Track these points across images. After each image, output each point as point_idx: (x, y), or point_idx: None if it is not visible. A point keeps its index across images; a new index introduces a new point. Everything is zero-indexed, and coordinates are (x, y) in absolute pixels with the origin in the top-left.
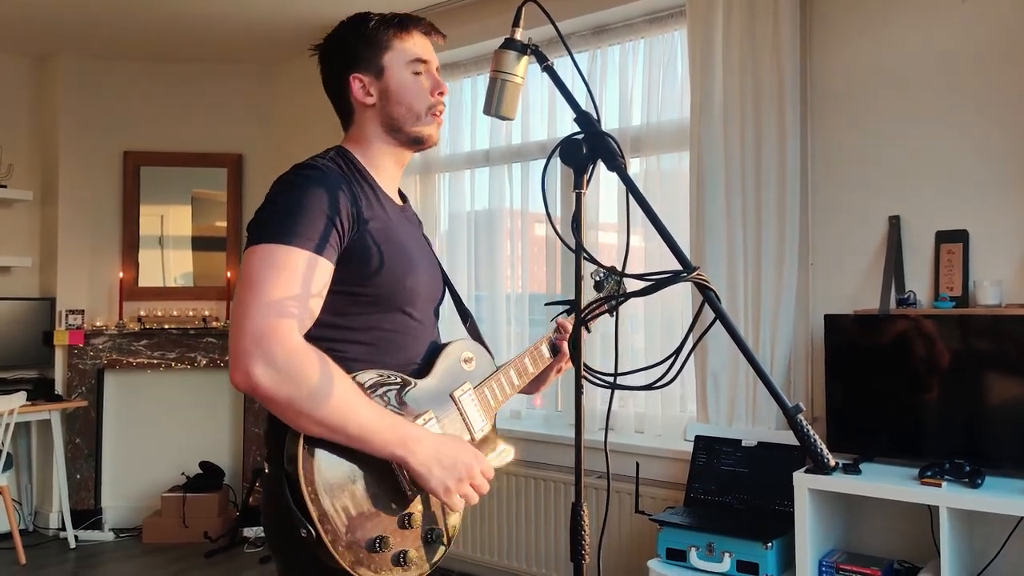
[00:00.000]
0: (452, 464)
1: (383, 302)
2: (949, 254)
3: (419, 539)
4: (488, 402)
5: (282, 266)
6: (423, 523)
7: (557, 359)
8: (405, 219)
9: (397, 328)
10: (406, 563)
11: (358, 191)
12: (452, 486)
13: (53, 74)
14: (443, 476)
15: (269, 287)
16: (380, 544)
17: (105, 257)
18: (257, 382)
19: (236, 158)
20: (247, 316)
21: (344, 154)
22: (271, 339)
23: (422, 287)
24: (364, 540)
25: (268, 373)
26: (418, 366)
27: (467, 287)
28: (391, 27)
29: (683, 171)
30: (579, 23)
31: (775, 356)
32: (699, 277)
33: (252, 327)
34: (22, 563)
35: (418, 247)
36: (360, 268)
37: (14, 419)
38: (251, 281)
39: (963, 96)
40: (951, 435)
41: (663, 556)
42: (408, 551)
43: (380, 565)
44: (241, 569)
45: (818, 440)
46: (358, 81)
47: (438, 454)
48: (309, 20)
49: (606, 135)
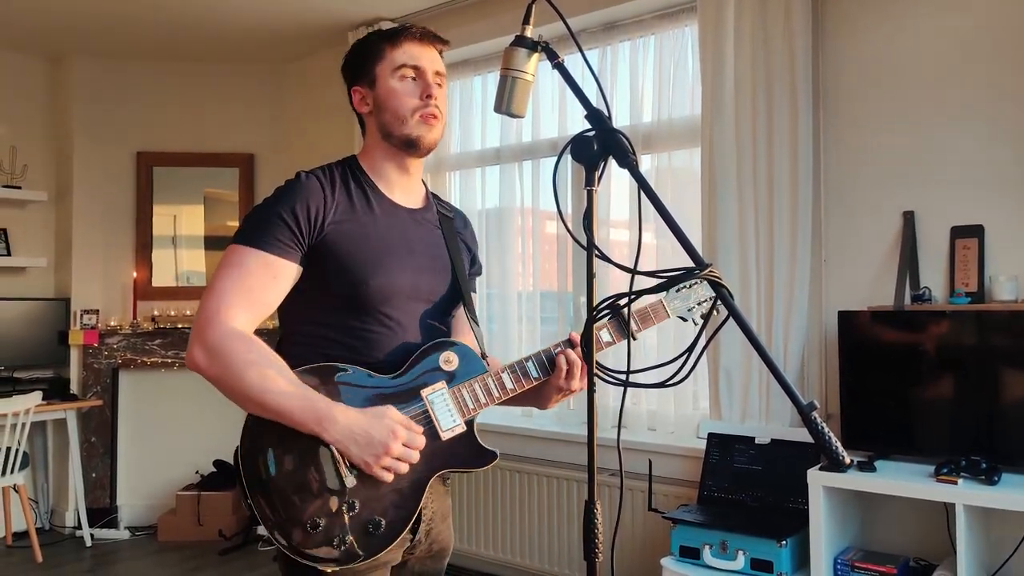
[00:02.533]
0: (367, 442)
1: (352, 301)
2: (965, 249)
3: (358, 527)
4: (465, 403)
5: (236, 264)
6: (364, 513)
7: (555, 375)
8: (411, 221)
9: (370, 327)
10: (339, 546)
11: (339, 196)
12: (371, 462)
13: (67, 75)
14: (360, 453)
15: (221, 282)
16: (311, 525)
17: (119, 257)
18: (195, 362)
19: (247, 158)
20: (200, 306)
21: (349, 162)
22: (208, 325)
23: (401, 286)
24: (297, 518)
25: (202, 354)
26: (390, 364)
27: (478, 285)
28: (384, 39)
29: (695, 168)
30: (589, 19)
31: (788, 353)
32: (712, 274)
33: (200, 315)
34: (39, 561)
35: (411, 247)
36: (325, 268)
37: (30, 418)
38: (212, 277)
39: (978, 90)
40: (967, 432)
41: (677, 554)
42: (344, 535)
43: (315, 546)
44: (255, 567)
45: (833, 437)
46: (357, 93)
47: (352, 432)
48: (320, 20)
49: (617, 132)
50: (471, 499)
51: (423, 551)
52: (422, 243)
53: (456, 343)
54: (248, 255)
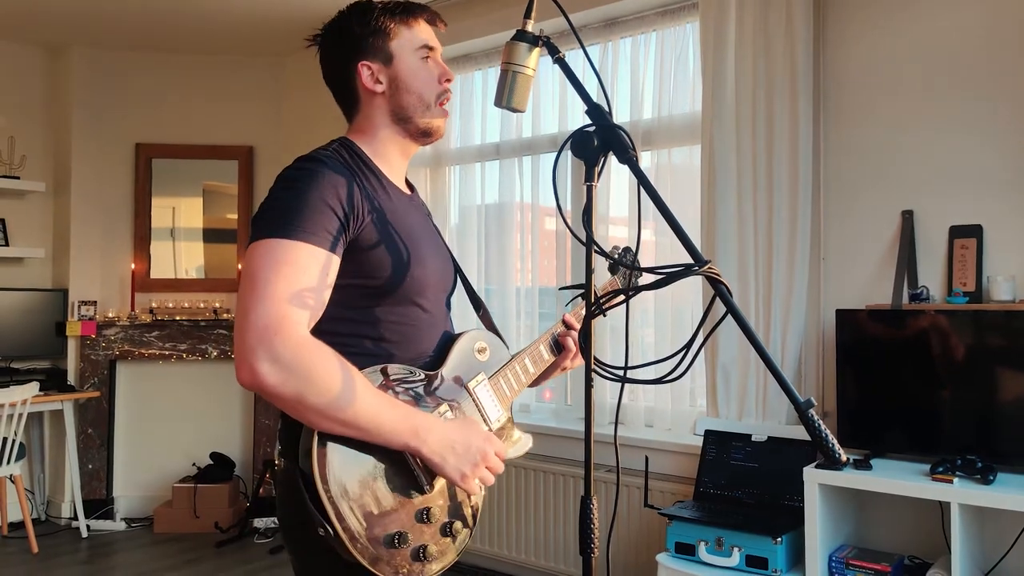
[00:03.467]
0: (465, 450)
1: (392, 293)
2: (963, 249)
3: (438, 533)
4: (504, 392)
5: (284, 261)
6: (441, 516)
7: (562, 356)
8: (414, 208)
9: (408, 320)
10: (426, 558)
11: (363, 181)
12: (468, 471)
13: (67, 66)
14: (457, 463)
15: (272, 283)
16: (399, 540)
17: (117, 249)
18: (263, 380)
19: (247, 150)
20: (251, 312)
21: (348, 145)
22: (275, 335)
23: (432, 277)
24: (382, 536)
25: (274, 370)
26: (431, 358)
27: (477, 280)
28: (396, 14)
29: (694, 165)
30: (590, 16)
31: (786, 351)
32: (711, 271)
33: (255, 324)
34: (35, 552)
35: (427, 236)
36: (367, 260)
37: (27, 409)
38: (254, 277)
39: (979, 89)
40: (963, 431)
41: (672, 550)
42: (428, 545)
43: (400, 561)
44: (251, 559)
45: (829, 435)
46: (367, 68)
47: (451, 441)
48: (321, 12)
49: (618, 127)
50: None
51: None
52: (429, 230)
53: (482, 330)
54: (297, 249)
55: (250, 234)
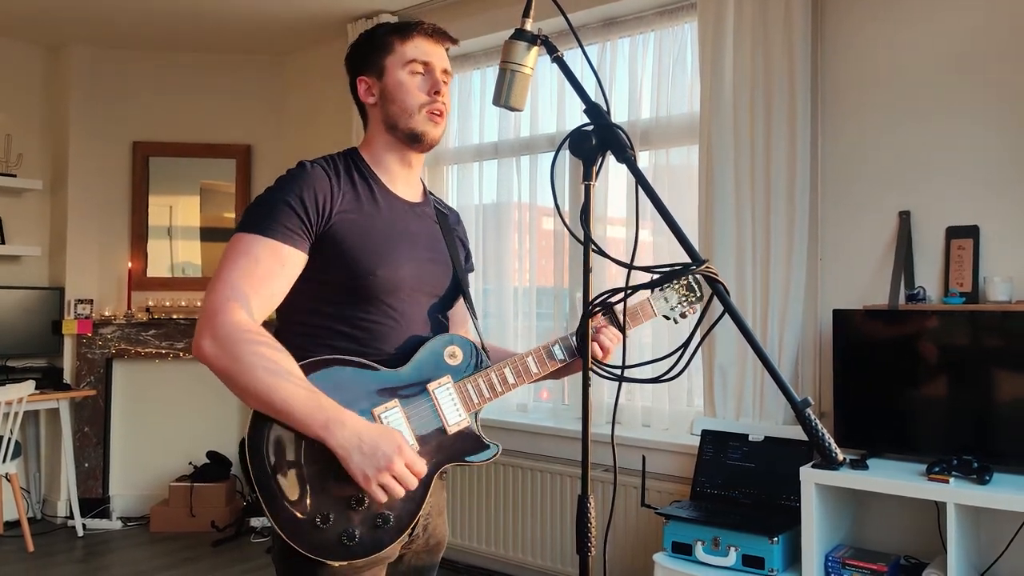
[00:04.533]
0: (372, 452)
1: (357, 291)
2: (959, 250)
3: (367, 522)
4: (470, 397)
5: (245, 252)
6: (373, 507)
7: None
8: (412, 215)
9: (376, 319)
10: (351, 540)
11: (344, 186)
12: (371, 474)
13: (64, 64)
14: (361, 462)
15: (228, 270)
16: (322, 520)
17: (114, 247)
18: (203, 353)
19: (245, 149)
20: (208, 295)
21: (350, 154)
22: (219, 315)
23: (406, 280)
24: (306, 512)
25: (212, 346)
26: (394, 356)
27: (475, 280)
28: (395, 32)
29: (692, 165)
30: (589, 15)
31: (783, 350)
32: (708, 270)
33: (208, 305)
34: (30, 551)
35: (414, 241)
36: (331, 257)
37: (23, 408)
38: (219, 265)
39: (976, 90)
40: (959, 431)
41: (669, 550)
42: (351, 529)
43: (322, 540)
44: (248, 558)
45: (826, 435)
46: (363, 83)
47: (359, 440)
48: (319, 12)
49: (616, 126)
50: (465, 493)
51: (420, 545)
52: (424, 236)
53: (459, 336)
54: (256, 243)
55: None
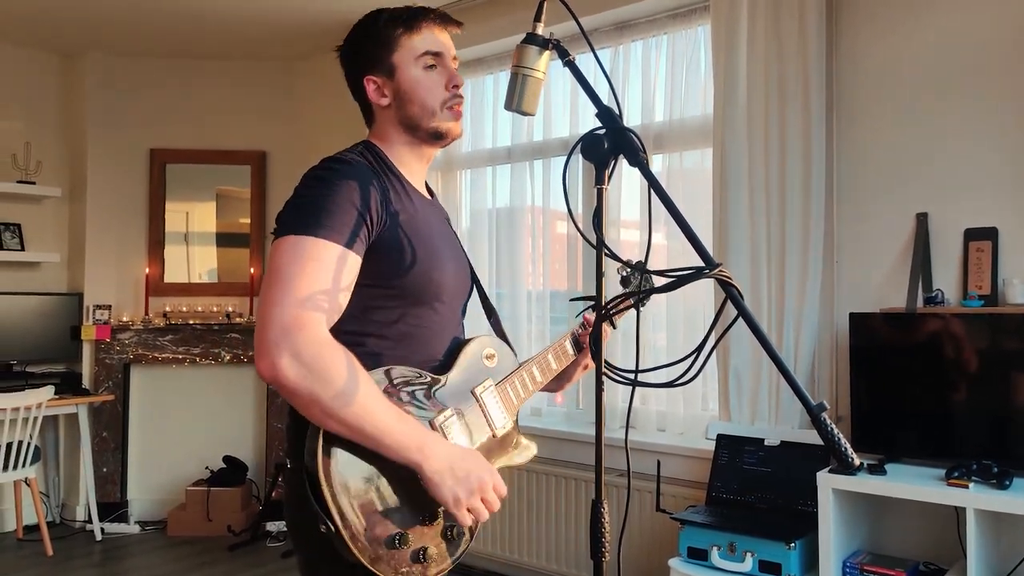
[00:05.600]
0: (466, 476)
1: (411, 296)
2: (978, 252)
3: (439, 536)
4: (510, 399)
5: (310, 258)
6: (444, 520)
7: (582, 355)
8: (434, 213)
9: (422, 323)
10: (426, 559)
11: (387, 184)
12: (463, 497)
13: (81, 71)
14: (455, 486)
15: (297, 279)
16: (399, 541)
17: (132, 253)
18: (284, 374)
19: (260, 155)
20: (275, 306)
21: (372, 148)
22: (299, 332)
23: (450, 281)
24: (383, 536)
25: (294, 366)
26: (440, 362)
27: (488, 284)
28: (400, 24)
29: (706, 168)
30: (601, 19)
31: (799, 354)
32: (721, 273)
33: (280, 318)
34: (49, 555)
35: (446, 241)
36: (390, 262)
37: (42, 413)
38: (279, 272)
39: (994, 91)
40: (979, 436)
41: (684, 555)
42: (428, 547)
43: (399, 562)
44: (263, 563)
45: (843, 439)
46: (372, 83)
47: (452, 464)
48: (332, 17)
49: (628, 130)
50: None
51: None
52: (449, 235)
53: (492, 337)
54: (321, 247)
55: (276, 230)
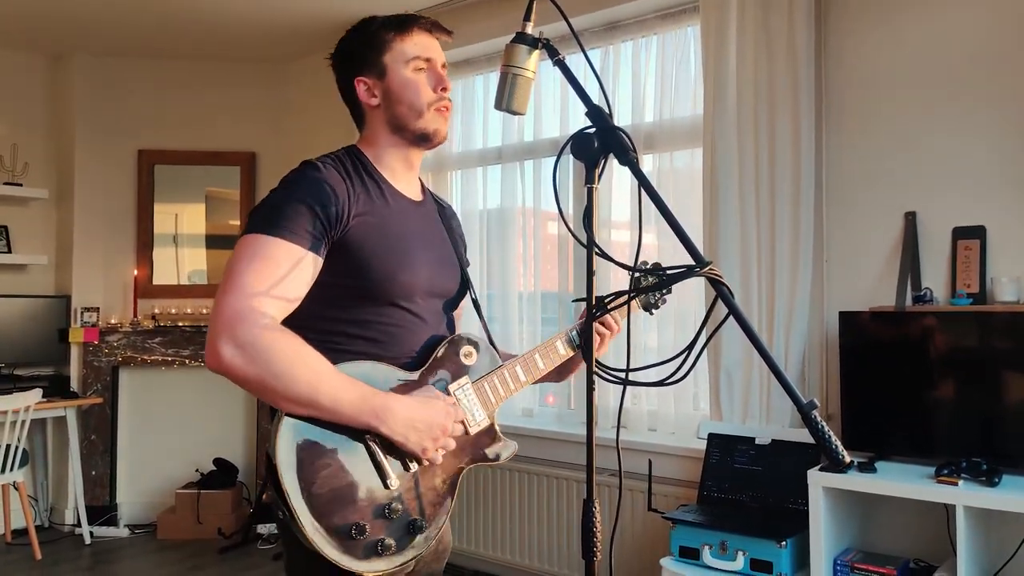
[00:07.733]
0: (428, 427)
1: (376, 295)
2: (966, 251)
3: (400, 529)
4: (487, 397)
5: (262, 255)
6: (404, 514)
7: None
8: (420, 215)
9: (394, 321)
10: (383, 551)
11: (358, 187)
12: (429, 447)
13: (69, 73)
14: (420, 440)
15: (245, 274)
16: (356, 531)
17: (120, 255)
18: (228, 363)
19: (249, 156)
20: (222, 300)
21: (353, 152)
22: (240, 322)
23: (422, 282)
24: (339, 525)
25: (237, 355)
26: (413, 359)
27: (479, 286)
28: (392, 28)
29: (696, 168)
30: (591, 19)
31: (789, 353)
32: (712, 272)
33: (224, 311)
34: (38, 559)
35: (425, 242)
36: (352, 261)
37: (30, 416)
38: (231, 268)
39: (981, 90)
40: (968, 433)
41: (676, 554)
42: (385, 539)
43: (355, 552)
44: (254, 565)
45: (833, 437)
46: (363, 84)
47: (412, 420)
48: (323, 19)
49: (618, 129)
50: (471, 498)
51: (429, 553)
52: (433, 236)
53: (472, 336)
54: (274, 246)
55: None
